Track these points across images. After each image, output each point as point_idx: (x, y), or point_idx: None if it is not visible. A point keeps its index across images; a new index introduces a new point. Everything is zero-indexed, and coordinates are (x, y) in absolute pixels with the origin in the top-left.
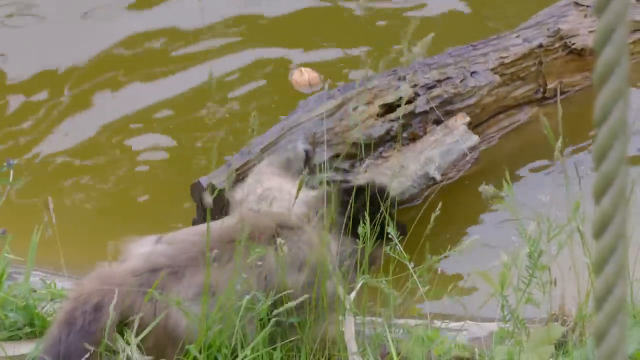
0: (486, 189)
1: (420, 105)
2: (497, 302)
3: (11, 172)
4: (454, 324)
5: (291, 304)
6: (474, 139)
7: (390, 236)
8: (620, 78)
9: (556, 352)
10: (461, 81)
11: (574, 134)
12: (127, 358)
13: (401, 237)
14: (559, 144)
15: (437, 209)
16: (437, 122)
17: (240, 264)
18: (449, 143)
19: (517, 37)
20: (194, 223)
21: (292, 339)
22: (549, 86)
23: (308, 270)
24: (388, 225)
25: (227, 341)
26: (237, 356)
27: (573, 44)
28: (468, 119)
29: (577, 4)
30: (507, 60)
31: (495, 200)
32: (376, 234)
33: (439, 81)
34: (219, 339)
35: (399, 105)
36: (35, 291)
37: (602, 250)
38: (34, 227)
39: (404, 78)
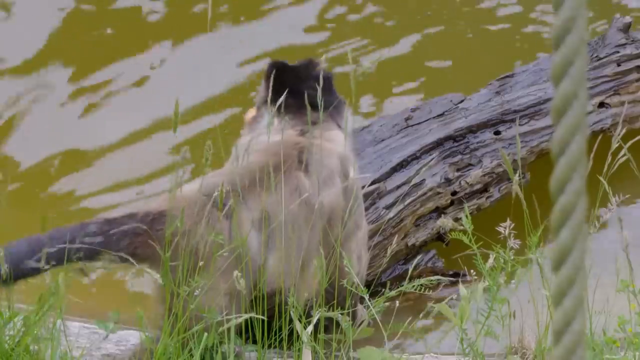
0: (444, 221)
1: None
2: (457, 335)
3: None
4: (413, 357)
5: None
6: None
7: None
8: (578, 111)
9: None
10: None
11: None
12: None
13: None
14: (517, 177)
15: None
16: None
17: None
18: None
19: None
20: None
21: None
22: None
23: (340, 177)
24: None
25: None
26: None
27: None
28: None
29: None
30: None
31: (454, 232)
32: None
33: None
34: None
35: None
36: None
37: (560, 283)
38: None
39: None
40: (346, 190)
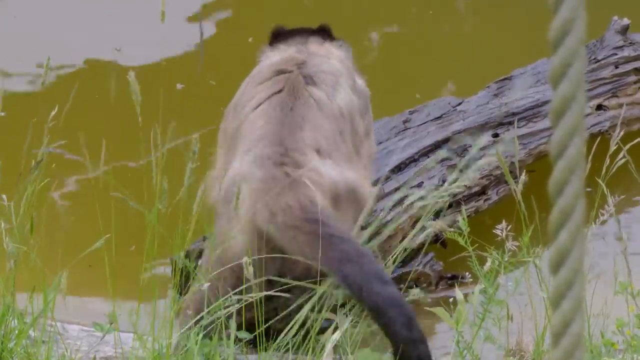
0: (439, 223)
1: None
2: (453, 338)
3: None
4: None
5: None
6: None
7: None
8: (576, 113)
9: None
10: None
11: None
12: None
13: None
14: (522, 177)
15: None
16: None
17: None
18: None
19: None
20: None
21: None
22: None
23: (345, 80)
24: None
25: None
26: None
27: None
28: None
29: None
30: None
31: (450, 234)
32: None
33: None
34: None
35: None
36: None
37: (559, 285)
38: None
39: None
40: (355, 89)
